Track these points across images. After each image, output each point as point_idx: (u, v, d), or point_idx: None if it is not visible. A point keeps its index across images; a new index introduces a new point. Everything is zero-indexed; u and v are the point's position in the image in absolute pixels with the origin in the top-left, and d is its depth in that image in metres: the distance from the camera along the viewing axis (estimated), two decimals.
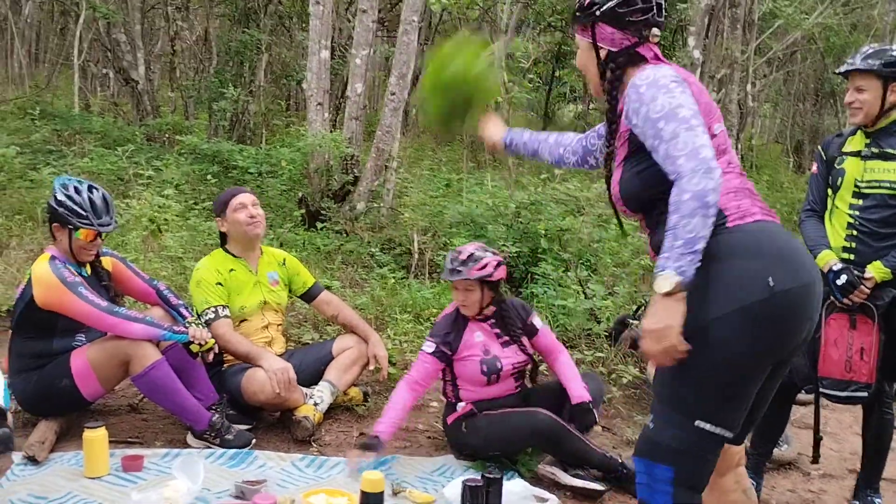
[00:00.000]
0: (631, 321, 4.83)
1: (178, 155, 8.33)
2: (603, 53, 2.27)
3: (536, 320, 3.73)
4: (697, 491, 2.10)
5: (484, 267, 3.47)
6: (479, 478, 2.93)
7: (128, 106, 11.22)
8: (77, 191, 3.52)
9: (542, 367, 3.96)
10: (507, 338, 3.62)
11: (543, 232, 5.59)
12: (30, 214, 6.58)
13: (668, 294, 1.92)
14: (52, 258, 3.47)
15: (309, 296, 4.28)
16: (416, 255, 6.35)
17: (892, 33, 13.51)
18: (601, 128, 2.57)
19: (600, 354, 4.72)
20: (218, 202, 4.09)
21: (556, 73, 16.97)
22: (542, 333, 3.72)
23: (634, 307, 5.11)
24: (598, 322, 5.02)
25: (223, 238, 4.12)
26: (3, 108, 9.73)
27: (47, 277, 3.40)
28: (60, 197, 3.50)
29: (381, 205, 7.39)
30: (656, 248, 2.11)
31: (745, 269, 2.01)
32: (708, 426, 2.02)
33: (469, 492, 2.86)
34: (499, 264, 3.54)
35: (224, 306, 3.87)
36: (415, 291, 5.54)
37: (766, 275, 1.98)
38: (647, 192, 2.16)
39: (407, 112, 14.27)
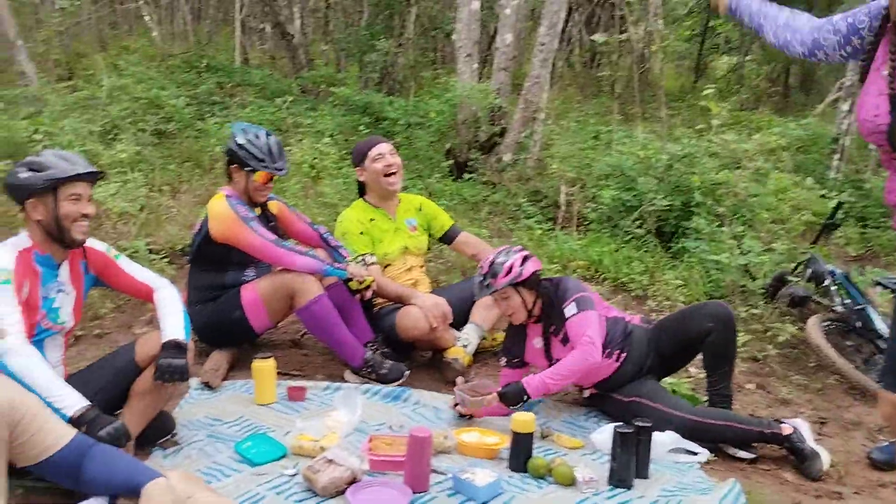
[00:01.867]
0: (790, 278, 4.67)
1: (332, 106, 8.58)
2: None
3: (569, 308, 3.33)
4: None
5: (509, 272, 3.36)
6: (631, 426, 2.92)
7: (283, 59, 11.62)
8: (256, 136, 3.74)
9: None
10: (560, 336, 3.43)
11: (696, 186, 5.43)
12: (197, 162, 6.99)
13: None
14: (228, 196, 3.71)
15: (448, 237, 4.36)
16: (563, 207, 6.32)
17: None
18: (848, 22, 2.27)
19: (755, 311, 4.57)
20: (357, 152, 4.20)
21: (710, 24, 16.23)
22: (568, 324, 3.32)
23: (794, 264, 4.92)
24: (754, 279, 4.85)
25: (361, 188, 4.24)
26: (171, 62, 10.27)
27: (224, 212, 3.64)
28: (241, 140, 3.72)
29: (528, 156, 7.37)
30: None
31: None
32: None
33: (620, 438, 2.87)
34: (524, 260, 3.41)
35: (371, 254, 4.02)
36: (562, 242, 5.53)
37: None
38: None
39: (555, 63, 14.10)
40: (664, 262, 5.30)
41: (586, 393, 3.63)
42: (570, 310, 3.32)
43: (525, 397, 3.21)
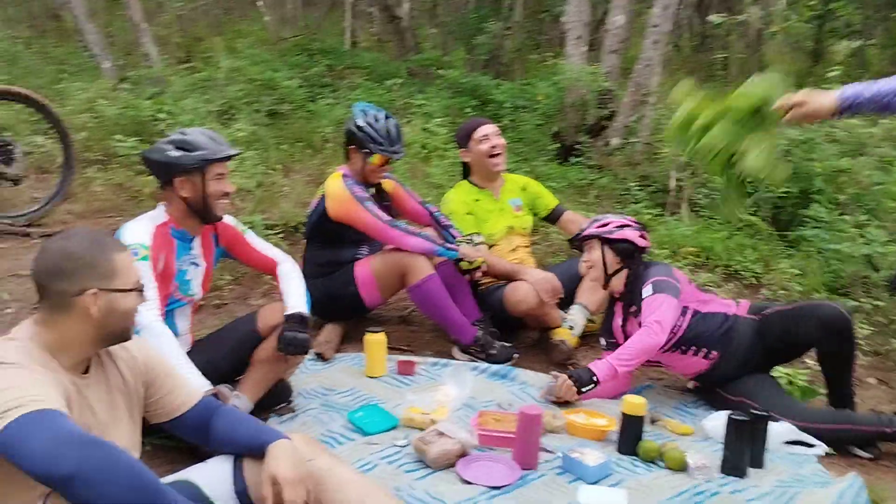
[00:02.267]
0: None
1: (439, 89, 8.63)
2: None
3: (646, 289, 3.30)
4: None
5: (605, 225, 3.37)
6: (746, 414, 2.86)
7: (391, 43, 11.74)
8: (376, 118, 3.82)
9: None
10: (629, 315, 3.41)
11: (819, 171, 5.22)
12: (309, 142, 7.17)
13: None
14: (344, 175, 3.79)
15: (552, 216, 4.36)
16: (673, 192, 6.18)
17: None
18: None
19: (879, 303, 4.37)
20: (461, 133, 4.21)
21: (830, 6, 15.48)
22: (643, 304, 3.29)
23: None
24: (877, 270, 4.64)
25: (466, 169, 4.25)
26: (282, 46, 10.54)
27: (340, 192, 3.73)
28: (361, 122, 3.80)
29: (637, 140, 7.23)
30: None
31: None
32: None
33: (734, 426, 2.80)
34: (625, 227, 3.39)
35: (478, 233, 4.03)
36: (672, 228, 5.42)
37: None
38: None
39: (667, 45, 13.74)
40: (780, 251, 5.12)
41: (690, 384, 3.56)
42: (646, 291, 3.30)
43: (594, 379, 3.19)
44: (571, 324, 3.94)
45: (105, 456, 1.58)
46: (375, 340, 3.53)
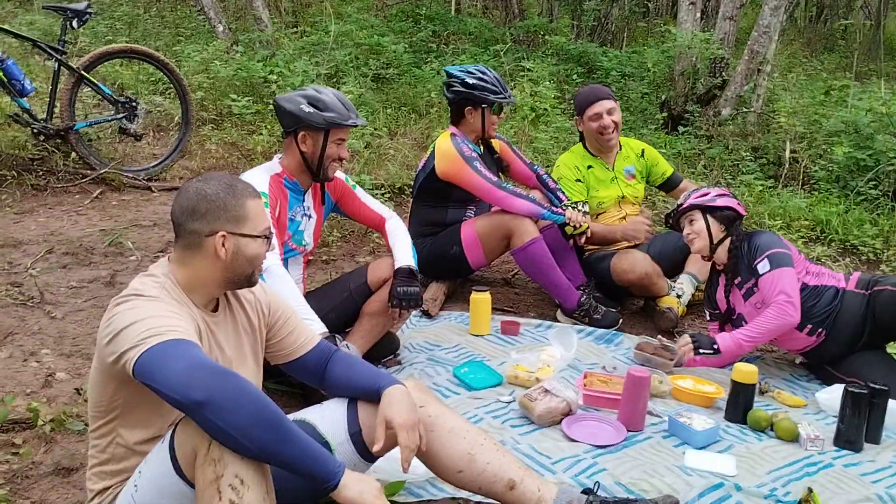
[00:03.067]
0: None
1: (545, 56, 8.54)
2: None
3: (762, 264, 3.15)
4: None
5: (704, 195, 3.30)
6: (865, 386, 2.76)
7: (497, 10, 11.66)
8: (483, 72, 3.82)
9: None
10: (744, 288, 3.26)
11: None
12: (413, 106, 7.22)
13: None
14: (453, 135, 3.82)
15: (668, 185, 4.27)
16: (788, 164, 5.97)
17: None
18: None
19: None
20: (577, 103, 4.13)
21: None
22: (762, 281, 3.14)
23: None
24: None
25: (581, 134, 4.21)
26: (387, 11, 10.61)
27: (448, 150, 3.75)
28: (472, 80, 3.81)
29: (750, 110, 7.00)
30: None
31: None
32: None
33: (851, 398, 2.71)
34: (722, 196, 3.31)
35: (584, 202, 3.98)
36: (786, 199, 5.25)
37: None
38: None
39: (792, 13, 13.20)
40: None
41: (797, 360, 3.46)
42: (763, 266, 3.15)
43: (714, 347, 3.14)
44: (679, 292, 3.87)
45: (235, 386, 1.66)
46: (481, 299, 3.56)
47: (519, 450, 2.55)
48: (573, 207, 3.88)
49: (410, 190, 4.96)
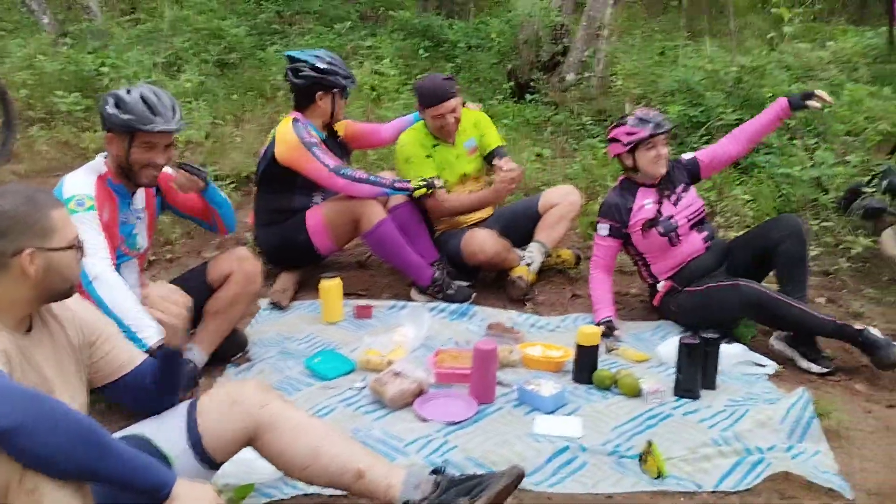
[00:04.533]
0: (864, 190, 4.51)
1: (391, 31, 8.50)
2: None
3: (688, 155, 3.69)
4: None
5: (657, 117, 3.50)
6: (696, 337, 2.90)
7: None
8: (331, 56, 3.81)
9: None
10: (674, 195, 3.52)
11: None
12: (260, 91, 7.04)
13: None
14: (295, 120, 3.73)
15: (489, 157, 4.16)
16: None
17: None
18: None
19: (827, 224, 4.43)
20: (421, 96, 3.97)
21: None
22: (702, 156, 3.65)
23: (868, 176, 4.74)
24: (826, 192, 4.70)
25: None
26: None
27: (289, 136, 3.67)
28: (322, 65, 3.74)
29: (592, 75, 7.20)
30: None
31: None
32: None
33: (685, 350, 2.85)
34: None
35: (438, 176, 3.93)
36: None
37: None
38: None
39: None
40: (733, 178, 5.15)
41: (661, 286, 3.59)
42: (689, 154, 3.68)
43: None
44: (529, 260, 3.94)
45: (47, 408, 1.56)
46: (330, 286, 3.52)
47: (372, 436, 2.54)
48: (428, 187, 3.84)
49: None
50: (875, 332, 3.08)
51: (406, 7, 9.40)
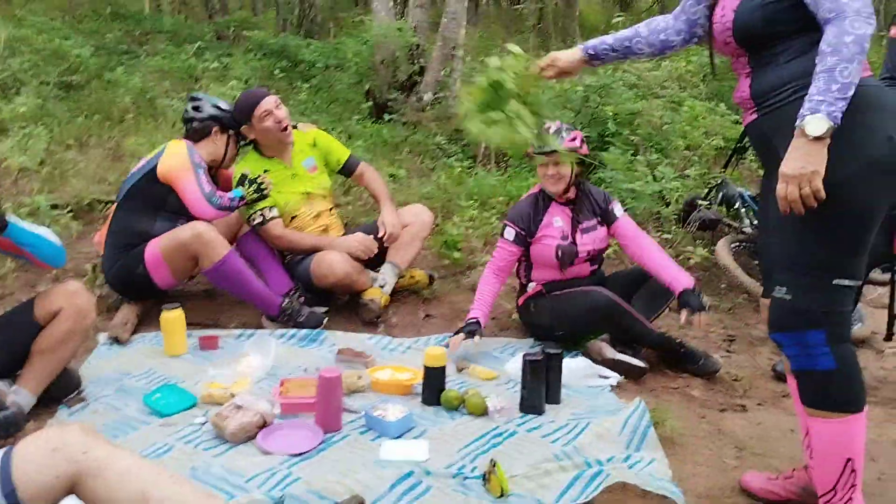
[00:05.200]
0: (700, 202, 4.75)
1: (247, 51, 8.35)
2: None
3: (617, 207, 3.64)
4: (848, 340, 2.11)
5: (574, 139, 3.51)
6: (540, 353, 2.96)
7: (197, 6, 11.23)
8: (234, 98, 3.85)
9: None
10: (586, 223, 3.59)
11: (612, 115, 5.45)
12: (107, 114, 6.73)
13: (818, 138, 1.87)
14: (189, 144, 3.73)
15: (347, 170, 4.21)
16: (483, 144, 6.29)
17: None
18: None
19: (668, 236, 4.65)
20: (240, 110, 3.92)
21: None
22: (623, 221, 3.61)
23: (706, 189, 5.00)
24: (667, 205, 4.93)
25: (251, 140, 4.04)
26: (78, 11, 9.84)
27: (180, 151, 3.65)
28: (224, 105, 3.91)
29: (448, 94, 7.29)
30: (759, 94, 2.10)
31: (871, 123, 1.96)
32: (846, 281, 2.03)
33: (529, 366, 2.91)
34: (583, 140, 3.59)
35: (270, 207, 3.89)
36: (480, 179, 5.52)
37: (887, 129, 1.95)
38: (767, 27, 2.05)
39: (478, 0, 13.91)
40: None
41: (531, 287, 3.66)
42: (618, 210, 3.64)
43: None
44: (382, 282, 3.93)
45: None
46: (172, 317, 3.38)
47: (212, 473, 2.44)
48: (257, 217, 3.82)
49: (106, 202, 4.64)
50: (693, 345, 3.32)
51: (263, 27, 9.25)
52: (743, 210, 4.57)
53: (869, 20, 1.87)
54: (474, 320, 3.45)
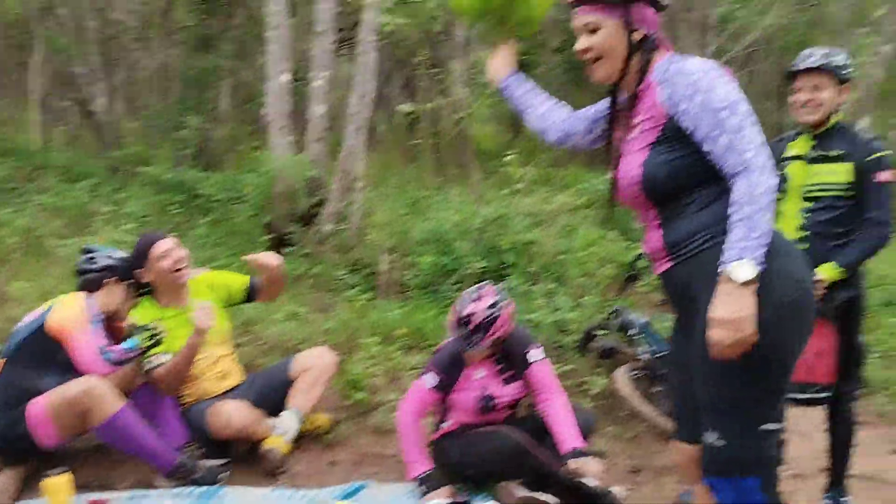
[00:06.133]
0: (597, 332, 4.86)
1: (142, 186, 8.25)
2: (638, 36, 2.21)
3: (533, 353, 3.59)
4: (776, 486, 2.13)
5: (496, 332, 3.44)
6: (447, 501, 2.91)
7: (91, 139, 11.10)
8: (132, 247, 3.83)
9: None
10: (509, 374, 3.60)
11: (508, 247, 5.60)
12: None
13: (746, 283, 1.93)
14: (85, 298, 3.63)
15: (252, 295, 4.15)
16: (385, 275, 6.32)
17: (848, 29, 13.75)
18: (592, 112, 2.52)
19: (567, 368, 4.71)
20: (135, 254, 3.88)
21: None
22: (535, 369, 3.57)
23: (603, 317, 5.13)
24: (567, 334, 5.02)
25: (144, 286, 3.95)
26: None
27: (75, 304, 3.55)
28: (118, 254, 3.86)
29: (348, 226, 7.35)
30: (672, 244, 2.16)
31: (780, 268, 2.03)
32: (772, 426, 2.06)
33: None
34: (503, 317, 3.48)
35: (164, 353, 3.75)
36: (383, 311, 5.52)
37: (796, 272, 2.06)
38: (673, 181, 2.13)
39: (375, 128, 14.24)
40: None
41: (446, 426, 3.64)
42: (533, 355, 3.56)
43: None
44: (282, 430, 3.82)
45: None
46: (56, 484, 3.16)
47: None
48: (147, 363, 3.70)
49: None
50: (594, 482, 3.31)
51: (159, 161, 9.19)
52: (638, 337, 4.69)
53: (773, 172, 1.99)
54: (426, 474, 3.40)
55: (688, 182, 2.12)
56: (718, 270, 1.98)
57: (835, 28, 13.37)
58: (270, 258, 4.03)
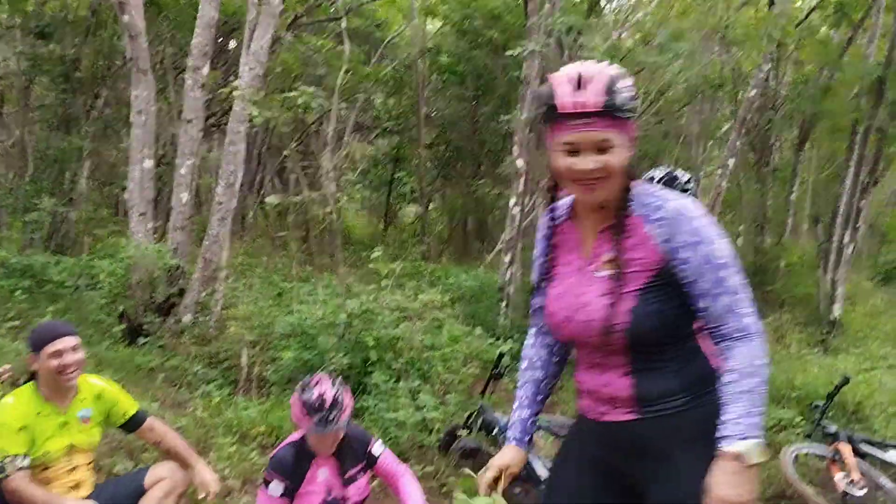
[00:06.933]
0: (460, 433, 4.84)
1: None
2: (629, 153, 1.96)
3: (376, 447, 3.57)
4: None
5: (347, 408, 3.37)
6: None
7: None
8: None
9: None
10: (352, 473, 3.48)
11: (373, 343, 5.54)
12: None
13: (753, 465, 1.81)
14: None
15: (131, 426, 3.85)
16: (245, 370, 6.11)
17: (698, 140, 14.87)
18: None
19: (430, 468, 4.64)
20: (34, 337, 3.59)
21: (396, 175, 17.29)
22: (382, 460, 3.55)
23: (465, 416, 5.11)
24: (430, 433, 4.96)
25: (33, 375, 3.65)
26: None
27: None
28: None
29: (209, 317, 7.12)
30: (644, 398, 1.98)
31: None
32: None
33: None
34: (347, 394, 3.43)
35: (25, 455, 3.40)
36: (241, 410, 5.30)
37: None
38: (661, 333, 1.96)
39: (244, 216, 14.04)
40: None
41: None
42: (377, 449, 3.57)
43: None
44: None
45: None
46: None
47: None
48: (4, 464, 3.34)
49: None
50: None
51: (6, 243, 8.68)
52: (501, 437, 4.68)
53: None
54: None
55: (674, 335, 1.97)
56: (720, 447, 1.83)
57: (686, 140, 14.41)
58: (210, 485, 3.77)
